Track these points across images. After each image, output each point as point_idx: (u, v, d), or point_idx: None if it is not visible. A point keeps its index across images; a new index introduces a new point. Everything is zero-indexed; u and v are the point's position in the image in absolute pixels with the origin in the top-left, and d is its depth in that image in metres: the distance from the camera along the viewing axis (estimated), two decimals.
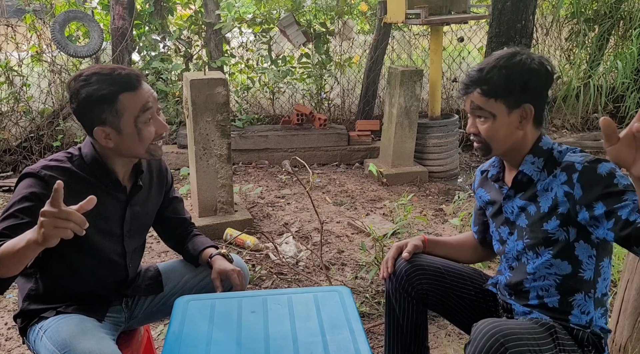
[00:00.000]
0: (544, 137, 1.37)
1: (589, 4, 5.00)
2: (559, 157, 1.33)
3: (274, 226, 3.23)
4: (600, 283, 1.35)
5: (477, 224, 1.63)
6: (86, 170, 1.37)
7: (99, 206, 1.30)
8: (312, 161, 4.49)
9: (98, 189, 1.36)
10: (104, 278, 1.46)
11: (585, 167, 1.25)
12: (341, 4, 4.61)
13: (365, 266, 2.63)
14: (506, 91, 1.28)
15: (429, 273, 1.53)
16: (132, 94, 1.31)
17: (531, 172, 1.36)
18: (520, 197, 1.39)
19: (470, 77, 1.32)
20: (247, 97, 4.78)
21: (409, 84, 3.98)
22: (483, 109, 1.31)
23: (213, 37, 4.29)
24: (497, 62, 1.29)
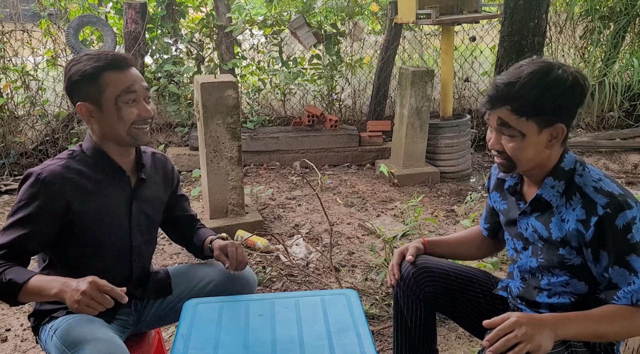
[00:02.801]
0: (567, 155, 1.30)
1: (603, 2, 4.93)
2: (580, 182, 1.27)
3: (285, 227, 3.24)
4: None
5: (488, 222, 1.61)
6: (89, 163, 1.40)
7: (106, 199, 1.41)
8: (323, 162, 4.49)
9: (103, 182, 1.41)
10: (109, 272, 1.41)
11: (607, 214, 1.19)
12: (352, 4, 4.61)
13: (375, 268, 2.63)
14: (539, 110, 1.21)
15: (437, 276, 1.53)
16: (117, 73, 1.35)
17: (550, 198, 1.31)
18: (536, 217, 1.35)
19: (499, 92, 1.23)
20: (259, 98, 4.80)
21: (420, 85, 3.96)
22: (512, 127, 1.23)
23: (224, 40, 4.32)
24: (530, 77, 1.20)
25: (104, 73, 1.33)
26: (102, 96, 1.34)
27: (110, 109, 1.35)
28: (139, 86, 1.38)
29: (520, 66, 1.25)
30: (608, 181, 1.26)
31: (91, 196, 1.38)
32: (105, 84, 1.34)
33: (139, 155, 1.50)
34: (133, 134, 1.39)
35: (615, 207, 1.19)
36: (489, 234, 1.62)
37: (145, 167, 1.51)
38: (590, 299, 1.32)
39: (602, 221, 1.20)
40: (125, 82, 1.35)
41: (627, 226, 1.19)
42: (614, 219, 1.19)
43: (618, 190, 1.22)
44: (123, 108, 1.36)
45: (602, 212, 1.20)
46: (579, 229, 1.24)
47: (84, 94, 1.35)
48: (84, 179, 1.38)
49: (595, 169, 1.32)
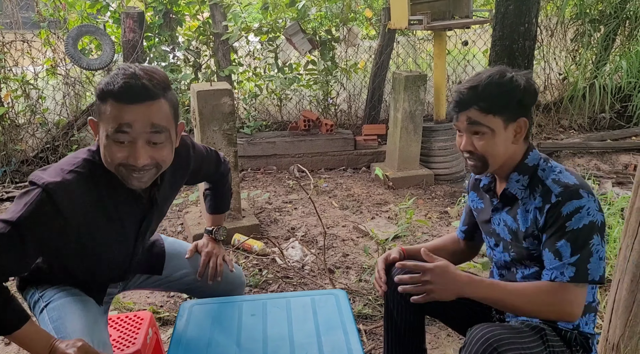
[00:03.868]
0: (532, 152, 1.40)
1: (593, 5, 5.01)
2: (542, 176, 1.36)
3: (281, 230, 3.31)
4: (587, 291, 1.40)
5: (466, 223, 1.69)
6: (106, 180, 1.26)
7: (116, 218, 1.31)
8: (319, 165, 4.57)
9: (115, 200, 1.29)
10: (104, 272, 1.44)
11: (557, 201, 1.29)
12: (346, 11, 4.69)
13: (368, 269, 2.70)
14: (503, 106, 1.32)
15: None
16: (119, 105, 1.15)
17: (515, 191, 1.40)
18: (506, 211, 1.44)
19: (465, 94, 1.34)
20: (255, 104, 4.88)
21: (413, 89, 4.04)
22: (482, 124, 1.33)
23: (221, 47, 4.39)
24: (490, 79, 1.33)
25: (109, 99, 1.16)
26: (100, 122, 1.21)
27: (101, 139, 1.21)
28: (139, 128, 1.17)
29: (478, 73, 1.38)
30: (568, 173, 1.35)
31: (99, 215, 1.27)
32: (105, 112, 1.17)
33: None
34: (122, 175, 1.23)
35: (565, 196, 1.29)
36: (465, 237, 1.70)
37: (160, 185, 1.38)
38: None
39: (551, 207, 1.30)
40: (120, 119, 1.15)
41: (570, 214, 1.28)
42: (561, 206, 1.29)
43: (574, 181, 1.32)
44: (110, 147, 1.19)
45: (554, 200, 1.30)
46: (536, 216, 1.34)
47: (97, 108, 1.22)
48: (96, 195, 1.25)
49: (559, 164, 1.41)
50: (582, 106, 5.00)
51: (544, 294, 1.30)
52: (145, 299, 2.54)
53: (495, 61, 4.48)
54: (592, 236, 1.27)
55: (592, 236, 1.27)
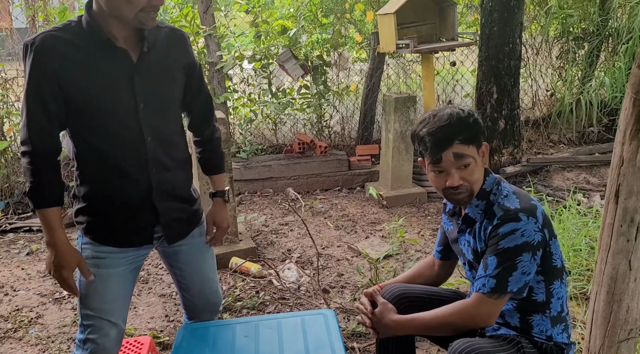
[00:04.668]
0: (488, 178, 1.51)
1: (576, 23, 5.17)
2: (493, 199, 1.49)
3: (277, 252, 3.40)
4: (554, 302, 1.50)
5: (441, 244, 1.79)
6: (81, 35, 1.37)
7: (99, 71, 1.37)
8: (315, 186, 4.67)
9: (95, 54, 1.37)
10: (123, 154, 1.45)
11: (497, 224, 1.43)
12: (336, 36, 4.85)
13: (361, 288, 2.78)
14: (474, 135, 1.45)
15: (412, 300, 1.68)
16: None
17: (474, 216, 1.52)
18: (468, 232, 1.55)
19: (441, 136, 1.42)
20: (251, 129, 5.00)
21: (403, 110, 4.16)
22: (467, 155, 1.43)
23: (216, 75, 4.54)
24: (451, 116, 1.43)
25: None
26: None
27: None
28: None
29: (433, 115, 1.47)
30: (513, 197, 1.47)
31: (82, 69, 1.36)
32: None
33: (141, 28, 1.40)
34: (140, 18, 1.34)
35: (505, 219, 1.42)
36: (441, 257, 1.80)
37: (148, 39, 1.43)
38: (529, 303, 1.50)
39: (493, 228, 1.43)
40: None
41: (505, 234, 1.40)
42: (499, 227, 1.42)
43: (516, 206, 1.43)
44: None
45: (495, 222, 1.43)
46: (484, 238, 1.47)
47: None
48: (73, 50, 1.35)
49: (508, 186, 1.53)
50: (571, 120, 5.12)
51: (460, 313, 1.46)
52: (145, 325, 2.62)
53: (483, 80, 4.63)
54: (521, 254, 1.39)
55: (522, 254, 1.39)
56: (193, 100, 1.64)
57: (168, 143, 1.52)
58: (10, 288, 3.01)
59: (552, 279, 1.49)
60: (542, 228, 1.43)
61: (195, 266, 1.69)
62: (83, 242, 1.54)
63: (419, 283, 1.79)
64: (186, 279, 1.70)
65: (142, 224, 1.54)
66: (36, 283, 3.06)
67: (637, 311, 1.79)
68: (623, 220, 1.68)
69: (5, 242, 3.66)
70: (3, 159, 4.03)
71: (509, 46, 4.49)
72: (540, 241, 1.41)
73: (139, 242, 1.56)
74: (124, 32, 1.39)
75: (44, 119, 1.37)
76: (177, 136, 1.57)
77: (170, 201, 1.56)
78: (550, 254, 1.47)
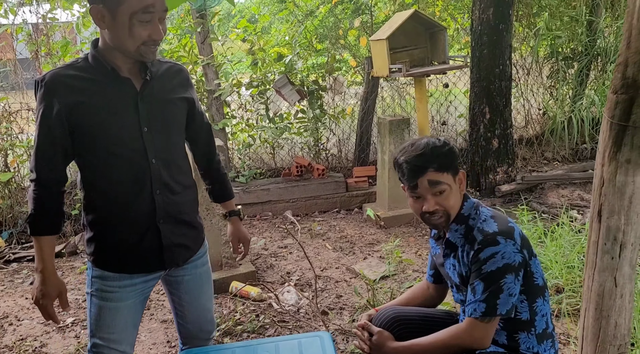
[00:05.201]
0: (466, 203, 1.59)
1: (565, 44, 5.31)
2: (472, 224, 1.55)
3: (277, 275, 3.45)
4: (538, 320, 1.56)
5: (432, 268, 1.85)
6: (88, 69, 1.46)
7: (105, 99, 1.46)
8: (313, 209, 4.73)
9: (101, 84, 1.46)
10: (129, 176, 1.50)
11: (477, 249, 1.50)
12: (331, 62, 4.97)
13: (359, 309, 2.83)
14: (449, 163, 1.54)
15: (406, 322, 1.74)
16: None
17: (455, 240, 1.59)
18: (453, 256, 1.62)
19: (417, 163, 1.51)
20: (249, 153, 5.09)
21: (397, 132, 4.25)
22: (441, 182, 1.52)
23: (214, 102, 4.65)
24: (428, 145, 1.53)
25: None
26: (119, 7, 1.35)
27: (123, 23, 1.37)
28: (159, 6, 1.38)
29: (412, 144, 1.56)
30: (491, 221, 1.54)
31: (90, 97, 1.44)
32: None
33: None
34: (141, 51, 1.41)
35: (484, 243, 1.49)
36: (433, 280, 1.86)
37: (150, 69, 1.51)
38: (514, 322, 1.56)
39: (474, 253, 1.50)
40: (146, 1, 1.35)
41: (486, 259, 1.48)
42: (480, 252, 1.49)
43: (494, 229, 1.51)
44: (136, 26, 1.37)
45: (477, 247, 1.50)
46: (466, 262, 1.54)
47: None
48: (81, 81, 1.44)
49: (486, 210, 1.60)
50: (564, 138, 5.21)
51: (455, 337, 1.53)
52: (147, 351, 2.66)
53: (475, 101, 4.74)
54: (504, 276, 1.46)
55: (505, 276, 1.46)
56: (196, 131, 1.72)
57: (173, 166, 1.58)
58: (15, 318, 3.05)
59: (534, 297, 1.55)
60: (521, 249, 1.50)
61: (194, 295, 1.75)
62: (93, 276, 1.59)
63: (415, 305, 1.85)
64: (183, 307, 1.76)
65: (147, 248, 1.58)
66: (40, 312, 3.10)
67: (625, 327, 1.85)
68: (607, 238, 1.75)
69: (9, 272, 3.71)
70: (7, 190, 4.11)
71: (500, 68, 4.61)
72: (521, 262, 1.48)
73: (146, 267, 1.60)
74: (128, 63, 1.48)
75: (51, 150, 1.46)
76: (181, 160, 1.63)
77: (174, 224, 1.60)
78: (531, 273, 1.54)
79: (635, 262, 1.79)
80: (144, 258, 1.59)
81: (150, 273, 1.62)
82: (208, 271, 1.81)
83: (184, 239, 1.65)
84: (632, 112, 1.63)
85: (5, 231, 4.10)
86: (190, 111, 1.66)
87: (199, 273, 1.74)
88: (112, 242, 1.56)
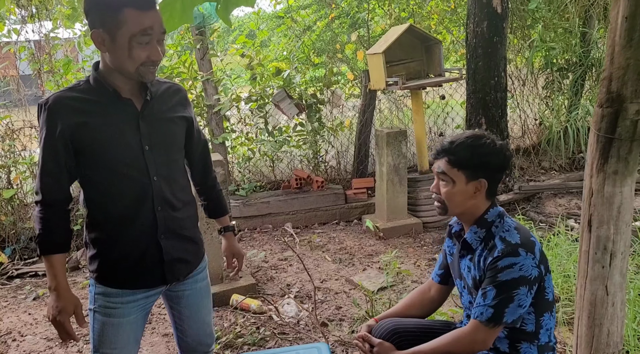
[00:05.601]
0: (492, 209, 1.63)
1: (559, 55, 5.38)
2: (494, 231, 1.59)
3: (277, 288, 3.48)
4: (542, 333, 1.60)
5: (442, 268, 1.88)
6: (90, 91, 1.50)
7: (107, 119, 1.50)
8: (313, 221, 4.77)
9: (102, 105, 1.50)
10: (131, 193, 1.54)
11: (497, 256, 1.53)
12: (329, 76, 5.05)
13: (358, 320, 2.86)
14: (468, 164, 1.58)
15: (404, 334, 1.77)
16: (138, 13, 1.39)
17: (472, 242, 1.63)
18: (469, 258, 1.66)
19: (442, 146, 1.61)
20: (249, 167, 5.15)
21: (395, 144, 4.31)
22: (446, 174, 1.59)
23: (214, 117, 4.71)
24: (466, 139, 1.59)
25: (125, 9, 1.38)
26: (119, 30, 1.40)
27: (122, 45, 1.41)
28: (157, 29, 1.42)
29: (463, 132, 1.64)
30: (515, 232, 1.57)
31: (89, 117, 1.48)
32: (124, 20, 1.38)
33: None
34: (140, 72, 1.46)
35: (505, 253, 1.52)
36: (440, 280, 1.88)
37: (150, 90, 1.56)
38: (518, 332, 1.59)
39: (493, 260, 1.53)
40: (144, 23, 1.39)
41: (504, 267, 1.51)
42: (499, 260, 1.52)
43: (517, 241, 1.54)
44: (135, 48, 1.41)
45: (496, 254, 1.53)
46: (483, 268, 1.57)
47: (101, 21, 1.41)
48: (83, 102, 1.48)
49: (510, 221, 1.63)
50: (560, 147, 5.27)
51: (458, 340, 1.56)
52: None
53: (471, 112, 4.80)
54: (518, 287, 1.49)
55: (519, 287, 1.49)
56: (193, 149, 1.77)
57: (173, 183, 1.62)
58: (18, 334, 3.08)
59: (542, 312, 1.59)
60: (539, 264, 1.53)
61: (194, 309, 1.79)
62: (96, 292, 1.62)
63: (414, 311, 1.88)
64: (183, 321, 1.79)
65: (149, 264, 1.62)
66: (43, 328, 3.13)
67: (618, 335, 1.88)
68: (597, 248, 1.80)
69: (12, 288, 3.74)
70: (10, 207, 4.16)
71: (495, 79, 4.68)
72: (536, 276, 1.52)
73: (149, 283, 1.64)
74: (128, 84, 1.52)
75: (56, 171, 1.50)
76: (181, 177, 1.68)
77: (175, 239, 1.63)
78: (543, 288, 1.58)
79: (625, 270, 1.84)
80: (145, 274, 1.62)
81: (151, 288, 1.66)
82: (207, 285, 1.84)
83: (185, 254, 1.69)
84: (617, 125, 1.69)
85: (8, 247, 4.14)
86: (189, 129, 1.71)
87: (199, 287, 1.78)
88: (114, 259, 1.60)
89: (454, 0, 5.69)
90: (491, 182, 1.60)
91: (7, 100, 4.53)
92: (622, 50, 1.63)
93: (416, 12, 5.84)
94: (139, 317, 1.66)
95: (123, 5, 1.38)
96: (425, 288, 1.94)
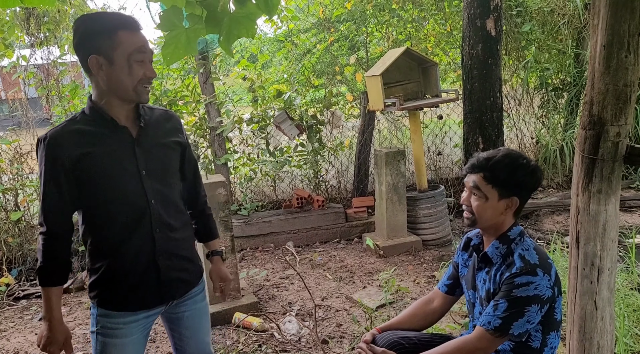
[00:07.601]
0: (515, 227, 1.70)
1: (554, 75, 5.51)
2: (514, 248, 1.66)
3: (278, 306, 3.53)
4: (547, 351, 1.67)
5: (451, 278, 1.94)
6: (86, 120, 1.56)
7: (107, 147, 1.57)
8: (314, 239, 4.84)
9: (100, 134, 1.56)
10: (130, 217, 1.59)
11: (514, 273, 1.59)
12: (328, 97, 5.17)
13: (358, 337, 2.91)
14: (503, 183, 1.65)
15: (404, 345, 1.83)
16: (131, 33, 1.51)
17: (492, 256, 1.70)
18: (485, 272, 1.73)
19: (478, 162, 1.68)
20: (251, 186, 5.24)
21: (393, 164, 4.40)
22: (480, 189, 1.67)
23: (216, 139, 4.82)
24: (503, 158, 1.66)
25: (119, 31, 1.49)
26: (115, 51, 1.49)
27: (121, 65, 1.50)
28: (147, 48, 1.54)
29: (499, 150, 1.70)
30: (534, 252, 1.65)
31: (90, 147, 1.53)
32: (119, 42, 1.49)
33: (137, 107, 1.62)
34: (138, 91, 1.54)
35: (523, 270, 1.59)
36: (447, 290, 1.94)
37: (144, 116, 1.62)
38: (524, 347, 1.66)
39: (510, 276, 1.59)
40: (138, 42, 1.51)
41: (520, 284, 1.57)
42: (516, 276, 1.58)
43: (535, 260, 1.61)
44: (134, 66, 1.51)
45: (514, 271, 1.59)
46: (499, 282, 1.63)
47: (96, 47, 1.49)
48: (82, 134, 1.54)
49: (529, 240, 1.71)
50: (557, 165, 5.35)
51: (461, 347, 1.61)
52: None
53: (469, 132, 4.90)
54: (530, 305, 1.56)
55: (531, 305, 1.56)
56: (185, 173, 1.83)
57: (170, 205, 1.68)
58: None
59: (549, 330, 1.66)
60: (554, 286, 1.60)
61: (194, 330, 1.84)
62: (98, 314, 1.67)
63: (416, 321, 1.93)
64: (183, 342, 1.85)
65: (146, 286, 1.67)
66: None
67: (608, 348, 1.94)
68: (585, 263, 1.87)
69: (18, 309, 3.81)
70: (17, 229, 4.24)
71: (490, 100, 4.78)
72: (549, 297, 1.58)
73: (146, 304, 1.69)
74: (124, 111, 1.59)
75: (60, 203, 1.55)
76: (178, 200, 1.73)
77: (173, 260, 1.68)
78: (553, 308, 1.64)
79: (613, 285, 1.91)
80: (144, 295, 1.67)
81: (151, 309, 1.71)
82: (206, 305, 1.90)
83: (183, 274, 1.75)
84: (599, 146, 1.78)
85: (15, 269, 4.21)
86: (183, 154, 1.77)
87: (198, 308, 1.84)
88: (114, 282, 1.65)
89: (449, 23, 5.84)
90: (522, 201, 1.69)
91: (14, 124, 4.65)
92: (601, 77, 1.73)
93: (413, 35, 6.00)
94: (141, 336, 1.71)
95: (116, 28, 1.49)
96: (429, 298, 1.99)
